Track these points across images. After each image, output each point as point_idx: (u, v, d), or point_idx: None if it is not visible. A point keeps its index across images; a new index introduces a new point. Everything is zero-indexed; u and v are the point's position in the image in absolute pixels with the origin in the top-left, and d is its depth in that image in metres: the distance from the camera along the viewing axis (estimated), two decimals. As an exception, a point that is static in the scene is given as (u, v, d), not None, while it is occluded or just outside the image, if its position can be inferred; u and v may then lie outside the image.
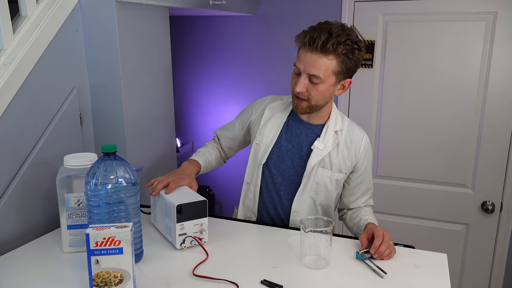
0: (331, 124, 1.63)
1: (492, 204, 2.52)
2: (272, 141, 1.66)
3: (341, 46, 1.42)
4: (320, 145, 1.60)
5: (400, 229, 2.74)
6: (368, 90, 2.67)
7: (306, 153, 1.63)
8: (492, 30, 2.36)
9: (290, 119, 1.68)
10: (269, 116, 1.70)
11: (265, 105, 1.74)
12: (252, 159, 1.71)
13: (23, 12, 1.53)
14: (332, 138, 1.61)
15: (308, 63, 1.45)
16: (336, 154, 1.62)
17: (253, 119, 1.75)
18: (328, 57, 1.44)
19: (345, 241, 1.53)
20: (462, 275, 2.69)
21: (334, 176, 1.63)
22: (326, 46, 1.41)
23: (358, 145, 1.65)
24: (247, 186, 1.74)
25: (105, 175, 1.25)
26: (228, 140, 1.85)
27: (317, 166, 1.61)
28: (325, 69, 1.45)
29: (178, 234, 1.40)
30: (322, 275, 1.30)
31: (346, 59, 1.46)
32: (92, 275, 1.12)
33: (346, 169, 1.65)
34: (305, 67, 1.46)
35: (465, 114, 2.49)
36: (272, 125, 1.68)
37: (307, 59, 1.46)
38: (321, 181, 1.63)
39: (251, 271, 1.31)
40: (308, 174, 1.62)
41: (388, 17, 2.54)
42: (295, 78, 1.53)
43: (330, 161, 1.62)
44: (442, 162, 2.59)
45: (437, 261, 1.39)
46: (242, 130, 1.80)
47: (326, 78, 1.47)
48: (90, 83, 1.81)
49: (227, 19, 2.94)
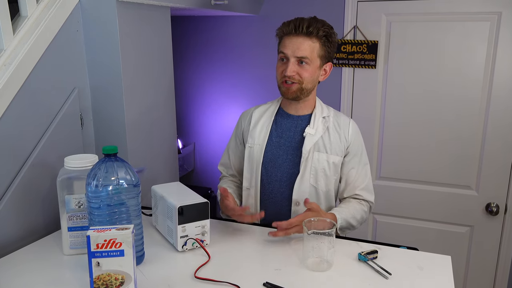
0: (318, 111, 1.70)
1: (496, 206, 2.51)
2: (264, 140, 1.71)
3: (321, 29, 1.58)
4: (312, 131, 1.66)
5: (404, 231, 2.73)
6: (371, 90, 2.66)
7: (299, 143, 1.67)
8: (496, 31, 2.35)
9: (278, 116, 1.74)
10: (257, 118, 1.76)
11: (251, 112, 1.80)
12: (248, 162, 1.73)
13: (23, 12, 1.52)
14: (321, 123, 1.68)
15: (295, 46, 1.57)
16: (328, 137, 1.67)
17: (244, 128, 1.80)
18: (312, 39, 1.58)
19: (347, 243, 1.52)
20: (466, 278, 2.68)
21: (331, 159, 1.66)
22: (310, 29, 1.56)
23: (346, 128, 1.69)
24: (247, 192, 1.75)
25: (106, 176, 1.24)
26: (237, 162, 1.84)
27: (313, 151, 1.65)
28: (311, 50, 1.58)
29: (179, 236, 1.40)
30: (325, 277, 1.30)
31: (327, 42, 1.60)
32: (93, 278, 1.11)
33: (341, 152, 1.68)
34: (293, 51, 1.57)
35: (470, 115, 2.48)
36: (261, 126, 1.73)
37: (293, 43, 1.58)
38: (319, 166, 1.65)
39: (254, 274, 1.30)
40: (305, 160, 1.64)
41: (392, 17, 2.53)
42: (282, 65, 1.62)
43: (324, 145, 1.66)
44: (446, 163, 2.58)
45: (441, 263, 1.39)
46: (241, 145, 1.82)
47: (312, 59, 1.59)
48: (91, 83, 1.80)
49: (229, 19, 2.93)
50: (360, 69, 2.66)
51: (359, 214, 1.66)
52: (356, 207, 1.67)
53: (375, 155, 2.72)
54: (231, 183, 1.85)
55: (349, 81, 2.69)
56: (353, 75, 2.68)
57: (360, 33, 2.60)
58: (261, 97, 2.91)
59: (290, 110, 1.71)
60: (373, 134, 2.68)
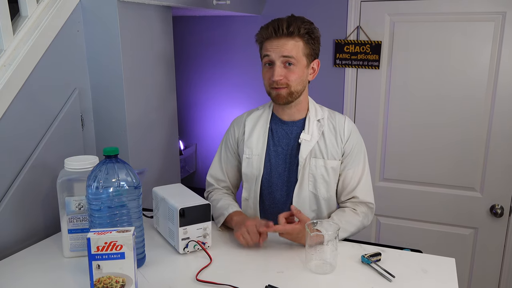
0: (312, 115, 1.65)
1: (501, 208, 2.49)
2: (262, 150, 1.66)
3: (302, 27, 1.53)
4: (307, 136, 1.62)
5: (407, 233, 2.72)
6: (374, 91, 2.64)
7: (296, 149, 1.64)
8: (501, 31, 2.34)
9: (272, 124, 1.69)
10: (251, 127, 1.70)
11: (244, 119, 1.74)
12: (247, 174, 1.69)
13: (24, 12, 1.52)
14: (316, 127, 1.63)
15: (279, 48, 1.53)
16: (324, 142, 1.63)
17: (238, 137, 1.74)
18: (295, 39, 1.53)
19: (351, 245, 1.51)
20: (471, 280, 2.66)
21: (328, 165, 1.62)
22: (290, 29, 1.51)
23: (341, 128, 1.65)
24: (246, 203, 1.72)
25: (107, 178, 1.24)
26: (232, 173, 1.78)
27: (309, 158, 1.62)
28: (296, 50, 1.53)
29: (181, 238, 1.39)
30: (328, 280, 1.29)
31: (310, 39, 1.55)
32: (93, 281, 1.11)
33: (338, 155, 1.63)
34: (277, 53, 1.53)
35: (474, 116, 2.47)
36: (258, 136, 1.68)
37: (275, 45, 1.53)
38: (317, 172, 1.62)
39: (256, 276, 1.29)
40: (302, 168, 1.61)
41: (395, 17, 2.52)
42: (269, 71, 1.58)
43: (320, 150, 1.62)
44: (449, 164, 2.56)
45: (445, 266, 1.38)
46: (235, 154, 1.76)
47: (298, 59, 1.54)
48: (92, 84, 1.79)
49: (232, 19, 2.92)
50: (364, 70, 2.64)
51: (353, 227, 1.57)
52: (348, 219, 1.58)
53: (378, 156, 2.70)
54: (229, 197, 1.74)
55: (352, 81, 2.68)
56: (356, 76, 2.67)
57: (363, 33, 2.59)
58: (263, 98, 2.87)
59: (284, 116, 1.66)
60: (376, 135, 2.67)
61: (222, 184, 1.77)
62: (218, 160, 1.78)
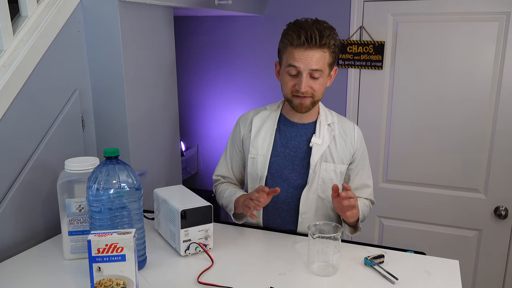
0: (323, 118, 1.67)
1: (505, 210, 2.48)
2: (268, 151, 1.65)
3: (332, 39, 1.52)
4: (319, 140, 1.63)
5: (411, 235, 2.71)
6: (377, 92, 2.63)
7: (305, 153, 1.64)
8: (505, 31, 2.32)
9: (281, 124, 1.68)
10: (258, 126, 1.69)
11: (251, 118, 1.73)
12: (251, 174, 1.69)
13: (24, 12, 1.51)
14: (327, 131, 1.65)
15: (307, 60, 1.50)
16: (335, 146, 1.64)
17: (244, 135, 1.73)
18: (323, 50, 1.51)
19: (353, 247, 1.51)
20: (475, 282, 2.65)
21: (338, 169, 1.64)
22: (322, 41, 1.49)
23: (352, 134, 1.68)
24: None
25: (107, 179, 1.24)
26: (238, 171, 1.80)
27: (320, 162, 1.62)
28: (323, 62, 1.53)
29: (182, 240, 1.39)
30: (331, 282, 1.29)
31: (335, 49, 1.55)
32: (94, 283, 1.11)
33: (347, 160, 1.66)
34: (306, 65, 1.50)
35: (478, 117, 2.46)
36: (264, 135, 1.67)
37: (304, 56, 1.50)
38: (327, 176, 1.63)
39: (258, 278, 1.29)
40: (313, 172, 1.61)
41: (398, 17, 2.51)
42: (292, 80, 1.55)
43: (331, 154, 1.63)
44: (453, 166, 2.55)
45: (449, 268, 1.38)
46: (241, 153, 1.77)
47: (324, 70, 1.54)
48: (92, 85, 1.79)
49: (233, 19, 2.92)
50: (366, 70, 2.63)
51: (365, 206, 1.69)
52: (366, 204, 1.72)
53: (381, 157, 2.69)
54: (236, 186, 1.79)
55: (355, 82, 2.67)
56: (359, 76, 2.66)
57: (366, 33, 2.58)
58: (265, 99, 2.89)
59: (294, 118, 1.66)
60: (379, 136, 2.66)
61: (228, 180, 1.81)
62: (226, 159, 1.80)
